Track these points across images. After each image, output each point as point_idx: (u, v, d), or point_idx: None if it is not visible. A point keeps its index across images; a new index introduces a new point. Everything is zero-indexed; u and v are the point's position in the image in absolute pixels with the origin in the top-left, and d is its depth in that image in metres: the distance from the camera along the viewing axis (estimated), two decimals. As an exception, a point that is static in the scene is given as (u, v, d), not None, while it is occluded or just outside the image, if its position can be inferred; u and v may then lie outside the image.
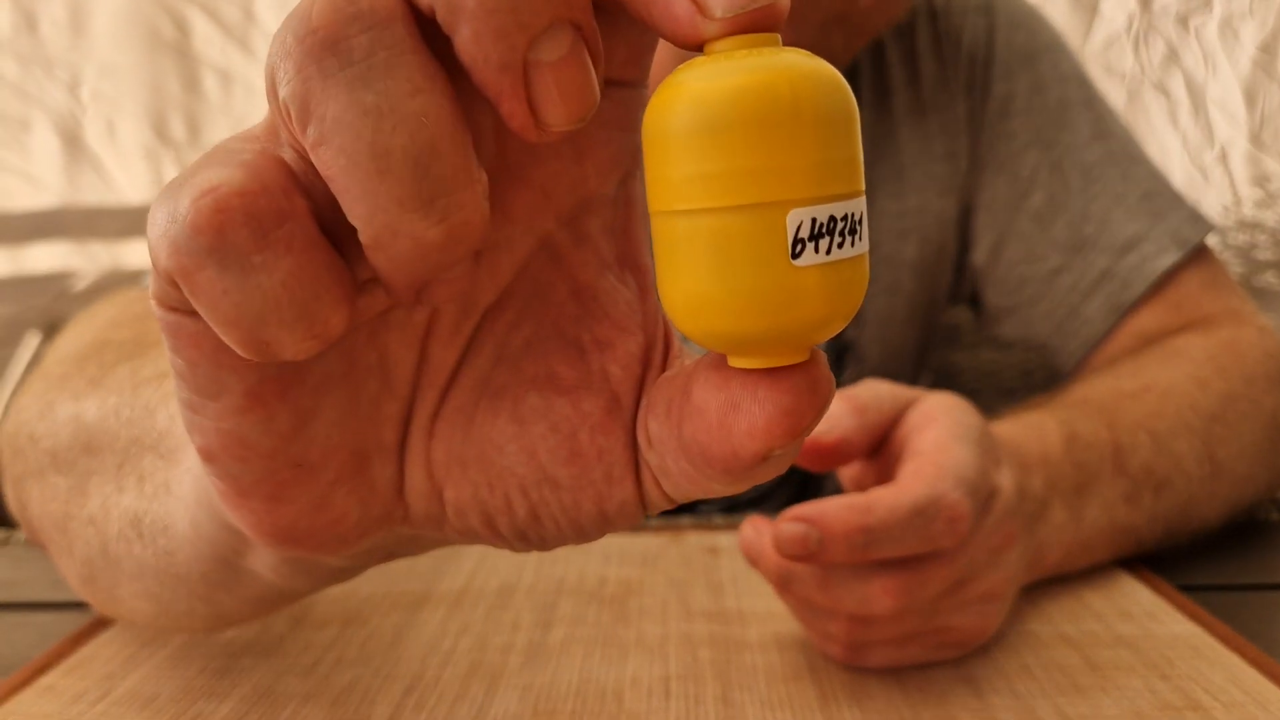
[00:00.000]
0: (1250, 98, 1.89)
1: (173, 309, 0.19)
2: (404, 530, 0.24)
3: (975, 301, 0.74)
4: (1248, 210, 1.89)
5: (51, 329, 1.92)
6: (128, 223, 1.98)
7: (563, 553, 0.52)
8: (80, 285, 1.97)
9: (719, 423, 0.19)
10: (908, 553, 0.35)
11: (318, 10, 0.17)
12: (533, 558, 0.51)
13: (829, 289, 0.17)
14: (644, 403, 0.22)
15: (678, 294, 0.18)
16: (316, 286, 0.18)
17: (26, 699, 0.37)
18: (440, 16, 0.17)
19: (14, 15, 1.93)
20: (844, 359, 0.72)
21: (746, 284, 0.17)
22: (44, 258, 1.97)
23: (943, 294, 0.74)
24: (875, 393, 0.40)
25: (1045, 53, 0.70)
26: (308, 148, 0.17)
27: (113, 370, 0.37)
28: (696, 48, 0.18)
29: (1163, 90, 1.89)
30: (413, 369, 0.23)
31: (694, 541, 0.53)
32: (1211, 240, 0.67)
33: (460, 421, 0.23)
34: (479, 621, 0.43)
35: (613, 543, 0.53)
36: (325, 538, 0.22)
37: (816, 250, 0.17)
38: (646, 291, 0.23)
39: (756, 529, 0.38)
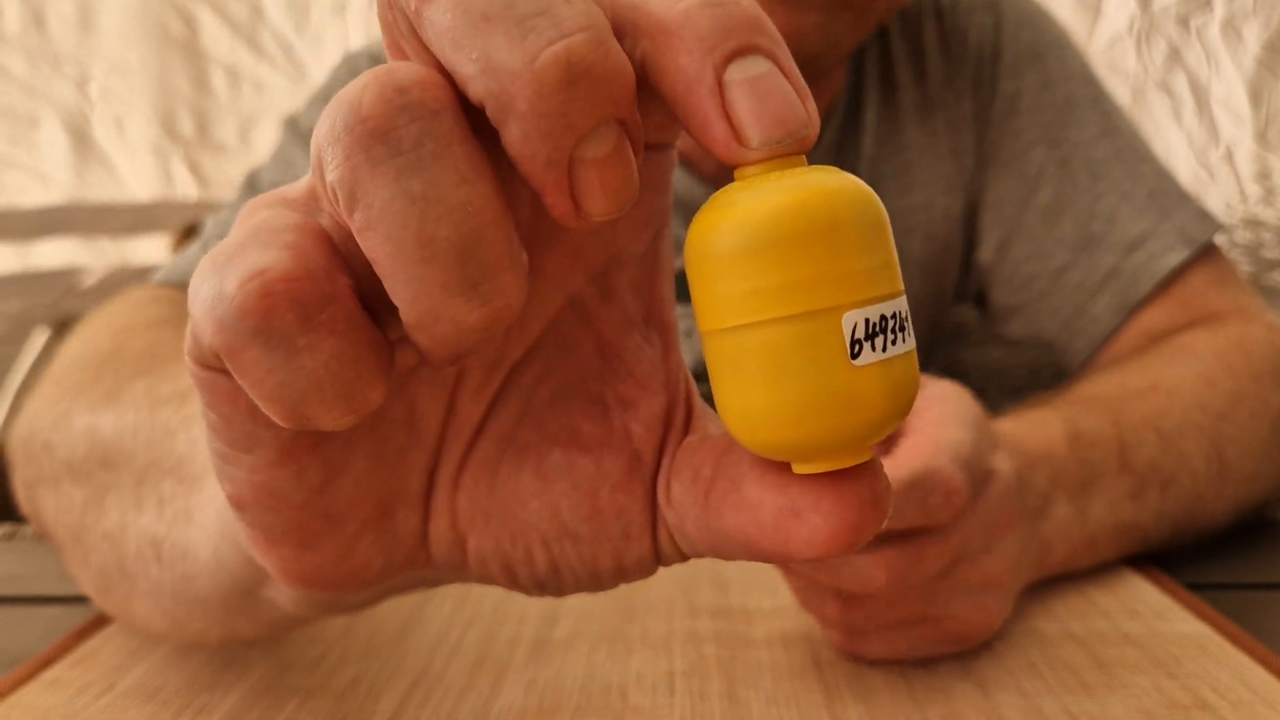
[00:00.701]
0: (1255, 96, 1.89)
1: (208, 367, 0.20)
2: (426, 574, 0.24)
3: (981, 299, 0.75)
4: (1253, 207, 1.89)
5: (60, 325, 1.92)
6: (136, 219, 1.99)
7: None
8: (88, 281, 1.97)
9: (775, 525, 0.19)
10: (904, 526, 0.35)
11: (368, 100, 0.17)
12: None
13: (887, 386, 0.18)
14: (666, 463, 0.22)
15: (736, 409, 0.18)
16: (358, 366, 0.18)
17: (31, 692, 0.37)
18: (490, 112, 0.17)
19: (22, 12, 1.94)
20: None
21: (808, 391, 0.18)
22: (52, 254, 1.98)
23: (949, 291, 0.74)
24: None
25: (1052, 50, 0.70)
26: (354, 231, 0.17)
27: (129, 384, 0.38)
28: (729, 168, 0.18)
29: (1166, 89, 1.89)
30: (440, 422, 0.23)
31: (700, 538, 0.53)
32: (1218, 239, 0.67)
33: (485, 475, 0.23)
34: (485, 615, 0.43)
35: (618, 539, 0.53)
36: (350, 582, 0.23)
37: (874, 349, 0.18)
38: (670, 350, 0.23)
39: None
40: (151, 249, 1.93)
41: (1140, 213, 0.65)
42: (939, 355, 0.85)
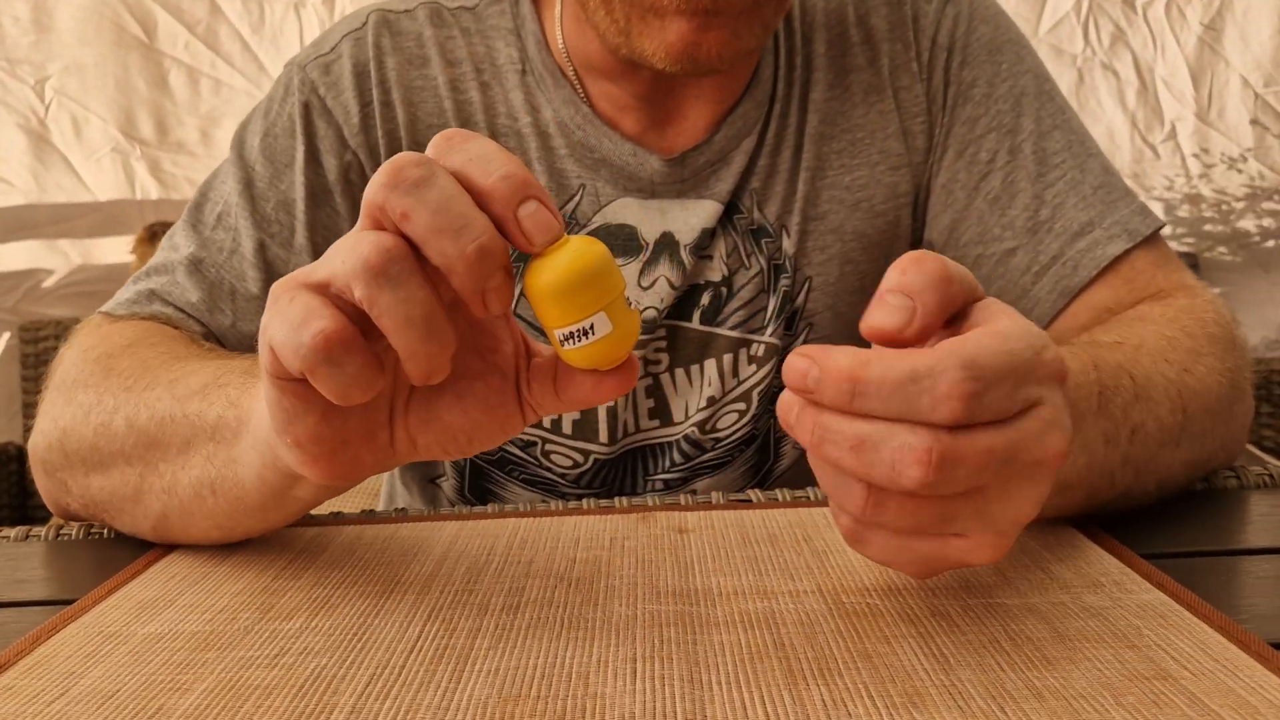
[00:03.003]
0: (1197, 75, 1.91)
1: (285, 378, 0.38)
2: (392, 461, 0.43)
3: None
4: (1195, 184, 1.91)
5: (22, 329, 1.90)
6: (97, 220, 1.96)
7: (532, 535, 0.52)
8: (48, 281, 1.95)
9: (592, 387, 0.40)
10: (893, 417, 0.34)
11: (374, 256, 0.35)
12: (501, 542, 0.51)
13: (585, 355, 0.38)
14: (523, 375, 0.42)
15: (563, 356, 0.39)
16: (371, 371, 0.36)
17: (-16, 698, 0.37)
18: (441, 269, 0.35)
19: (-25, 14, 1.91)
20: (795, 324, 0.74)
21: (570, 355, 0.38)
22: (13, 256, 1.95)
23: None
24: (962, 271, 0.38)
25: (1009, 46, 0.73)
26: (371, 315, 0.35)
27: (146, 392, 0.53)
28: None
29: (1111, 70, 1.91)
30: (390, 386, 0.42)
31: (663, 521, 0.53)
32: (1163, 216, 0.70)
33: (423, 403, 0.42)
34: (447, 606, 0.43)
35: (582, 524, 0.53)
36: (354, 475, 0.41)
37: (575, 342, 0.38)
38: (510, 321, 0.42)
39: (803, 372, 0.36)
40: (113, 249, 1.91)
41: (1086, 203, 0.69)
42: None
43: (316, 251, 0.69)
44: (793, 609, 0.41)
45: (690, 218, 0.71)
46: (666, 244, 0.71)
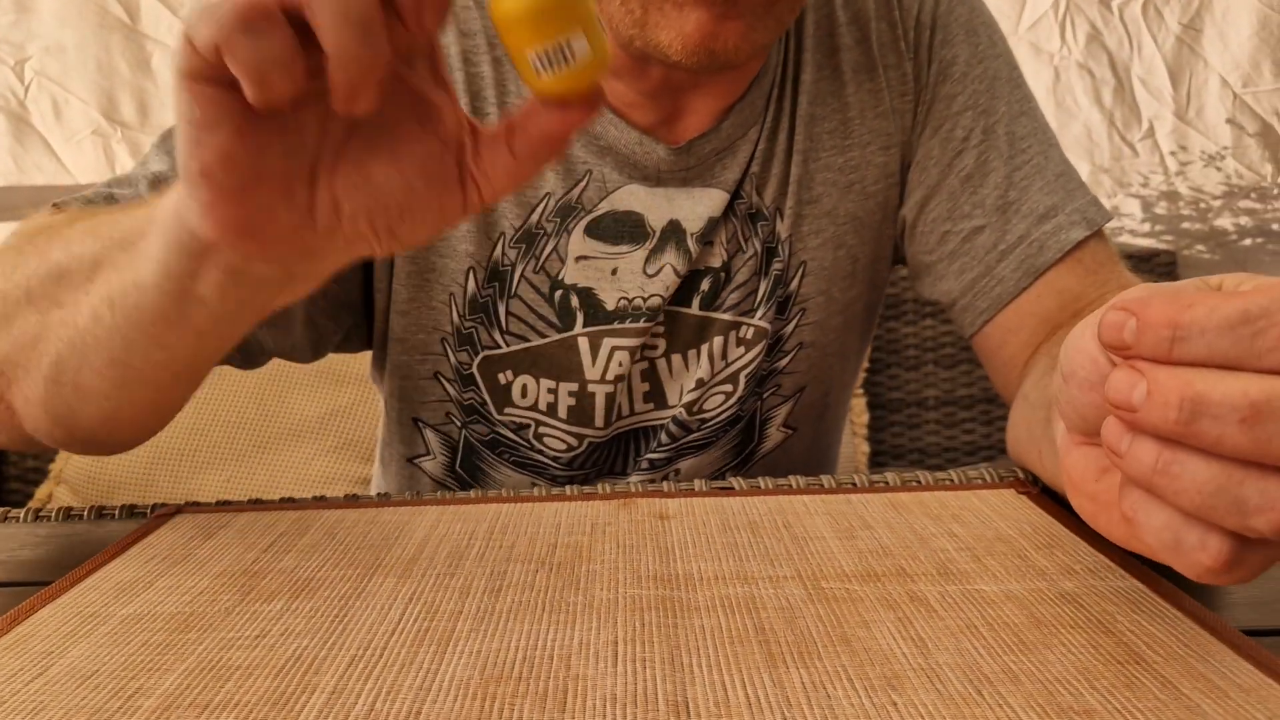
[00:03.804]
0: (1175, 75, 1.92)
1: (198, 79, 0.34)
2: (310, 239, 0.39)
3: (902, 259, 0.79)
4: (1173, 180, 1.93)
5: None
6: (76, 204, 1.94)
7: (514, 520, 0.51)
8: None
9: (559, 124, 0.38)
10: (1219, 361, 0.31)
11: None
12: (483, 526, 0.51)
13: (558, 81, 0.36)
14: (469, 148, 0.39)
15: (546, 88, 0.37)
16: (292, 52, 0.33)
17: (-38, 676, 0.37)
18: None
19: (-46, -7, 1.88)
20: (788, 308, 0.74)
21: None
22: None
23: (887, 251, 0.77)
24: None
25: (983, 29, 0.75)
26: (308, 13, 0.33)
27: (65, 231, 0.50)
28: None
29: (1087, 69, 1.92)
30: (318, 132, 0.38)
31: (644, 507, 0.53)
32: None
33: (352, 163, 0.39)
34: (428, 590, 0.43)
35: (564, 510, 0.53)
36: (264, 235, 0.38)
37: (548, 67, 0.36)
38: (450, 95, 0.40)
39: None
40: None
41: (1050, 189, 0.70)
42: (879, 329, 0.88)
43: None
44: (773, 594, 0.42)
45: (697, 206, 0.71)
46: (673, 232, 0.71)
